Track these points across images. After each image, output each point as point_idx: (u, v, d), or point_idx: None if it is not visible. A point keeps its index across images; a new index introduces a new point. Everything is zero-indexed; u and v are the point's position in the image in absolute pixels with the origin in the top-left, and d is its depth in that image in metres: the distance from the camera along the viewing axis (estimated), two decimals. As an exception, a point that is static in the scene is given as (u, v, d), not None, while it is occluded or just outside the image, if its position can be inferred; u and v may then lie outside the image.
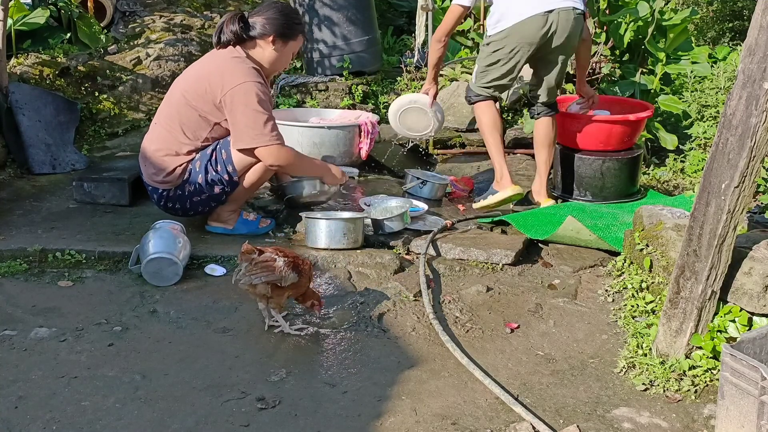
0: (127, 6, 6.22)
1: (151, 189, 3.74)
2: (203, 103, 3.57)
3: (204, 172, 3.63)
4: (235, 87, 3.48)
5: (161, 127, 3.69)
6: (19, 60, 5.16)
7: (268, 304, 2.93)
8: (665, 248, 3.08)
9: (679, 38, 5.80)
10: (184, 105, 3.60)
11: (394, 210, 3.84)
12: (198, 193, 3.68)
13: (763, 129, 2.43)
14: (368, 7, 5.92)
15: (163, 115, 3.70)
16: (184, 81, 3.68)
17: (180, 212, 3.78)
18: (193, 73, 3.70)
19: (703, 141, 5.10)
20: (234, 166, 3.61)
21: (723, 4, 8.71)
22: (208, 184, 3.64)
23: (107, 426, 2.39)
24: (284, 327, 2.94)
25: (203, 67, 3.65)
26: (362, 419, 2.45)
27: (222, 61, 3.58)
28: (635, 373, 2.72)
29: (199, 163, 3.64)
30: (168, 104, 3.70)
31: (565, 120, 4.42)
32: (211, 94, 3.54)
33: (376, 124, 4.93)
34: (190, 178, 3.65)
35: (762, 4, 2.40)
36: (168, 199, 3.72)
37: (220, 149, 3.63)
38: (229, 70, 3.53)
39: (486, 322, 3.10)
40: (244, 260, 2.85)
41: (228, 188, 3.69)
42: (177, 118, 3.63)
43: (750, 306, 2.66)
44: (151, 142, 3.70)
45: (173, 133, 3.64)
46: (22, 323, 2.98)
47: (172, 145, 3.64)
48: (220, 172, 3.62)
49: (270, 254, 2.86)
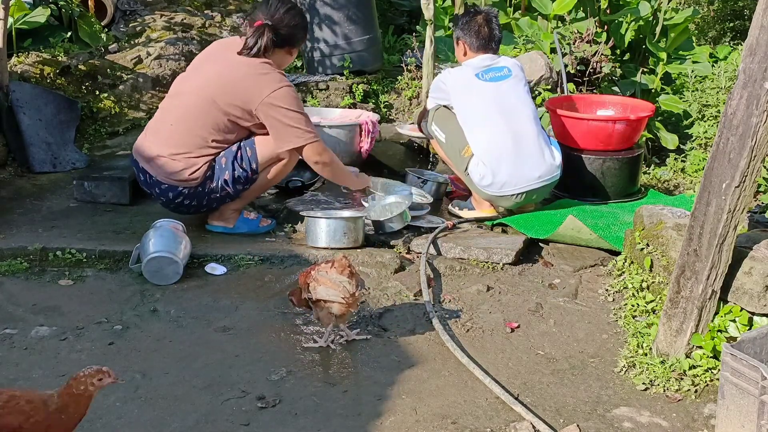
0: (127, 5, 6.21)
1: (166, 187, 3.65)
2: (234, 109, 3.59)
3: (231, 168, 3.65)
4: (273, 92, 3.56)
5: (181, 129, 3.62)
6: (19, 59, 5.15)
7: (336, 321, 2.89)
8: (666, 248, 3.08)
9: (680, 38, 5.79)
10: (215, 109, 3.58)
11: (393, 209, 3.83)
12: (218, 191, 3.68)
13: (764, 129, 2.43)
14: (369, 6, 5.91)
15: (182, 118, 3.63)
16: (207, 84, 3.61)
17: (192, 210, 3.78)
18: (216, 77, 3.62)
19: (703, 141, 5.09)
20: (258, 163, 3.68)
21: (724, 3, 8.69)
22: (234, 180, 3.67)
23: (107, 425, 2.39)
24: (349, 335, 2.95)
25: (231, 73, 3.60)
26: (362, 418, 2.45)
27: (252, 68, 3.60)
28: (635, 372, 2.72)
29: (225, 159, 3.65)
30: (185, 107, 3.63)
31: (566, 120, 4.42)
32: (247, 101, 3.57)
33: (377, 124, 4.92)
34: (213, 175, 3.66)
35: (763, 4, 2.40)
36: (185, 197, 3.69)
37: (245, 147, 3.67)
38: (264, 76, 3.59)
39: (486, 321, 3.10)
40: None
41: (248, 185, 3.74)
42: (203, 120, 3.59)
43: (750, 306, 2.66)
44: (170, 146, 3.62)
45: (199, 135, 3.60)
46: (23, 322, 2.98)
47: (196, 147, 3.61)
48: (245, 168, 3.67)
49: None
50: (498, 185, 3.95)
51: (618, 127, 4.37)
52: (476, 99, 4.00)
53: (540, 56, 5.30)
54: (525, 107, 4.05)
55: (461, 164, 4.05)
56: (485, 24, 4.09)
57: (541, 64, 5.25)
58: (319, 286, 2.78)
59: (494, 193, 3.98)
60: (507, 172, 3.92)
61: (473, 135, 3.98)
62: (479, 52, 4.08)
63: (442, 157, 4.29)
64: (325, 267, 2.84)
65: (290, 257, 3.50)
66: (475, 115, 3.99)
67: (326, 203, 4.18)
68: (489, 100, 3.98)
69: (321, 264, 2.88)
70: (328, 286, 2.78)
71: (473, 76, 4.04)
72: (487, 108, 3.97)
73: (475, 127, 3.98)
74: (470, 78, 4.03)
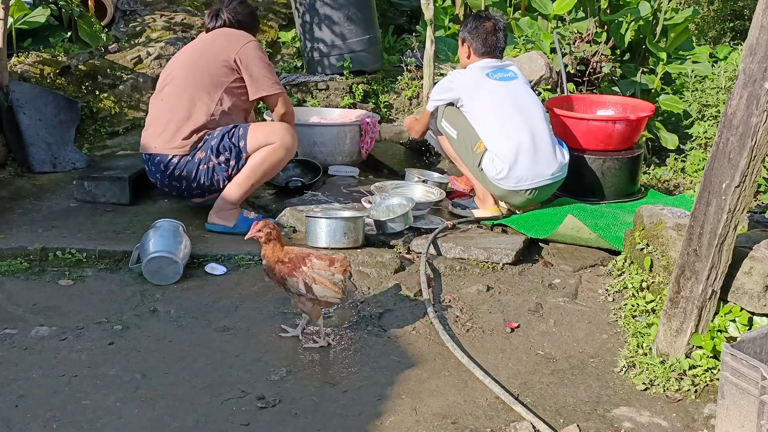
0: (127, 5, 6.21)
1: (158, 160, 3.85)
2: (214, 67, 3.86)
3: (219, 138, 3.84)
4: (246, 44, 3.89)
5: (171, 99, 3.88)
6: (19, 59, 5.15)
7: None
8: (665, 248, 3.08)
9: (680, 38, 5.80)
10: (198, 71, 3.87)
11: (396, 209, 3.84)
12: (206, 161, 3.83)
13: (764, 129, 2.43)
14: (369, 6, 5.91)
15: (168, 92, 3.91)
16: (189, 55, 3.97)
17: (184, 184, 3.87)
18: (192, 49, 4.01)
19: (703, 141, 5.09)
20: (247, 142, 3.83)
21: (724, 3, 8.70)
22: (217, 150, 3.82)
23: (107, 425, 2.39)
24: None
25: (202, 42, 4.00)
26: (362, 418, 2.45)
27: (220, 32, 3.97)
28: (635, 372, 2.72)
29: (218, 131, 3.86)
30: (170, 82, 3.92)
31: (566, 120, 4.42)
32: (223, 55, 3.86)
33: (377, 124, 4.92)
34: (203, 146, 3.83)
35: (763, 4, 2.40)
36: (176, 167, 3.83)
37: (239, 127, 3.88)
38: (232, 33, 3.95)
39: (486, 321, 3.10)
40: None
41: (233, 161, 3.82)
42: (189, 84, 3.86)
43: (750, 306, 2.66)
44: (160, 120, 3.87)
45: (186, 97, 3.84)
46: (23, 322, 2.98)
47: (185, 109, 3.83)
48: (233, 141, 3.83)
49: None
50: (514, 180, 3.98)
51: (618, 127, 4.38)
52: (490, 96, 4.03)
53: (540, 56, 5.30)
54: (537, 106, 4.12)
55: (474, 160, 4.06)
56: (493, 33, 4.12)
57: (541, 64, 5.26)
58: (316, 285, 2.78)
59: (509, 188, 4.01)
60: (524, 167, 3.96)
61: (489, 131, 4.00)
62: (483, 57, 4.12)
63: (449, 153, 4.28)
64: (322, 265, 2.82)
65: (290, 257, 3.49)
66: (489, 112, 4.01)
67: (326, 203, 4.18)
68: (504, 97, 4.02)
69: (313, 260, 2.83)
70: (327, 286, 2.78)
71: (484, 75, 4.08)
72: (503, 105, 4.01)
73: (492, 123, 4.00)
74: (481, 77, 4.07)
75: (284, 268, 2.81)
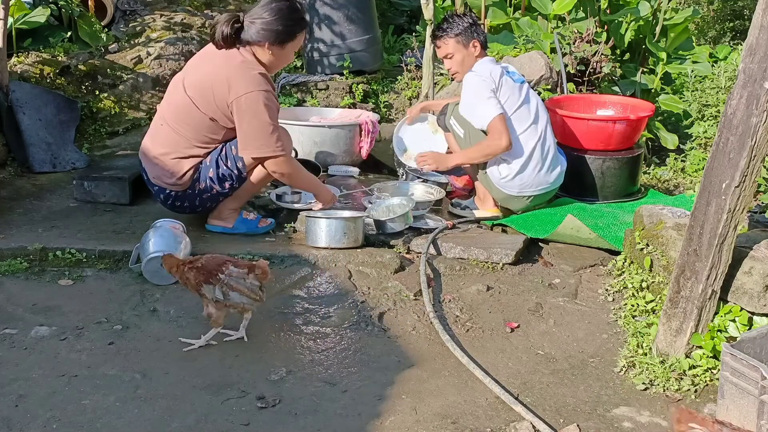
0: (127, 5, 6.21)
1: (157, 189, 3.73)
2: (212, 111, 3.56)
3: (215, 166, 3.64)
4: (242, 96, 3.47)
5: (169, 128, 3.65)
6: (19, 59, 5.15)
7: None
8: (665, 248, 3.08)
9: (680, 38, 5.80)
10: (196, 110, 3.58)
11: (396, 209, 3.84)
12: (208, 190, 3.69)
13: (764, 128, 2.43)
14: (369, 6, 5.92)
15: (170, 117, 3.66)
16: (190, 86, 3.60)
17: (188, 210, 3.79)
18: (197, 78, 3.60)
19: (703, 140, 5.09)
20: (244, 162, 3.63)
21: (724, 3, 8.70)
22: (219, 179, 3.66)
23: (107, 424, 2.39)
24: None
25: (209, 73, 3.56)
26: (362, 418, 2.45)
27: (230, 69, 3.51)
28: (635, 372, 2.72)
29: (210, 158, 3.65)
30: (174, 106, 3.65)
31: (566, 120, 4.42)
32: (220, 101, 3.53)
33: (377, 123, 4.92)
34: (200, 176, 3.66)
35: (763, 4, 2.40)
36: (176, 199, 3.73)
37: (230, 146, 3.64)
38: (236, 78, 3.49)
39: (486, 321, 3.10)
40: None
41: (236, 184, 3.71)
42: (187, 121, 3.60)
43: (750, 305, 2.66)
44: (160, 145, 3.67)
45: (184, 136, 3.62)
46: (23, 322, 2.98)
47: (182, 147, 3.63)
48: (230, 167, 3.64)
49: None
50: (519, 185, 3.98)
51: (618, 127, 4.38)
52: (511, 98, 3.95)
53: (540, 56, 5.30)
54: (544, 111, 4.10)
55: None
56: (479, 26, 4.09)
57: (541, 64, 5.25)
58: (233, 292, 2.78)
59: (512, 193, 4.00)
60: (531, 173, 3.96)
61: None
62: (485, 53, 4.08)
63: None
64: (240, 273, 2.80)
65: (290, 257, 3.50)
66: (507, 116, 3.93)
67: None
68: (521, 99, 3.98)
69: (230, 266, 2.80)
70: (244, 294, 2.79)
71: (504, 73, 4.00)
72: (519, 107, 3.96)
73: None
74: (504, 75, 3.98)
75: (200, 275, 2.80)
